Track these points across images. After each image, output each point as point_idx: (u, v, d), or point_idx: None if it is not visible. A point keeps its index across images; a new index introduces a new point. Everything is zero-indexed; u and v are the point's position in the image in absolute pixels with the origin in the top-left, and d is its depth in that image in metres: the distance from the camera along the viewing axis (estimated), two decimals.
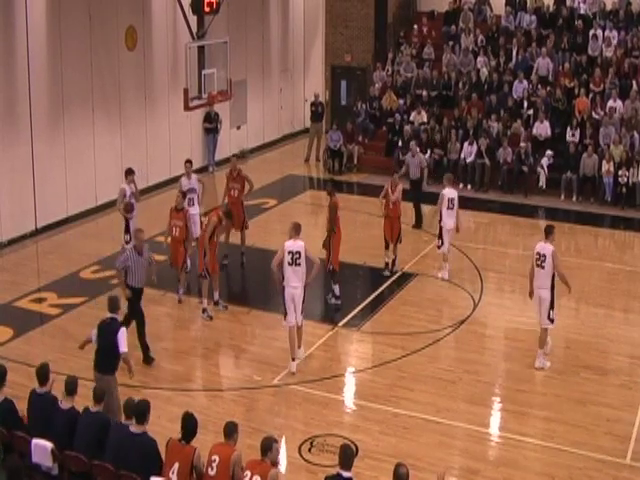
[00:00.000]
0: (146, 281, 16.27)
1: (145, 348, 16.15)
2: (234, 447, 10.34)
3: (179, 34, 26.66)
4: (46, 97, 22.63)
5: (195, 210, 20.06)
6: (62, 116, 23.08)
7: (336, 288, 18.77)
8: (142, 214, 23.54)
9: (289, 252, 15.68)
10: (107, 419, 11.13)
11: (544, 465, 13.01)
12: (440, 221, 20.13)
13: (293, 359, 15.92)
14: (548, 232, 15.98)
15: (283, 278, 15.77)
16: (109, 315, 13.25)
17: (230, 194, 20.70)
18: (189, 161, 20.98)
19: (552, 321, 15.92)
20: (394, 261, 20.34)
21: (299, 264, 15.68)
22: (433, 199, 20.94)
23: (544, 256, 15.72)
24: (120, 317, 13.61)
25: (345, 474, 9.71)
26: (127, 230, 19.82)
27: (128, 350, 13.11)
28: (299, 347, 16.17)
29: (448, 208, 19.95)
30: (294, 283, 15.73)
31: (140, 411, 10.72)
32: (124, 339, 13.02)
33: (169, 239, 19.02)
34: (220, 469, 10.15)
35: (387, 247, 20.28)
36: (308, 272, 15.86)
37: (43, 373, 11.66)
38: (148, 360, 16.09)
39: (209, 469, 10.24)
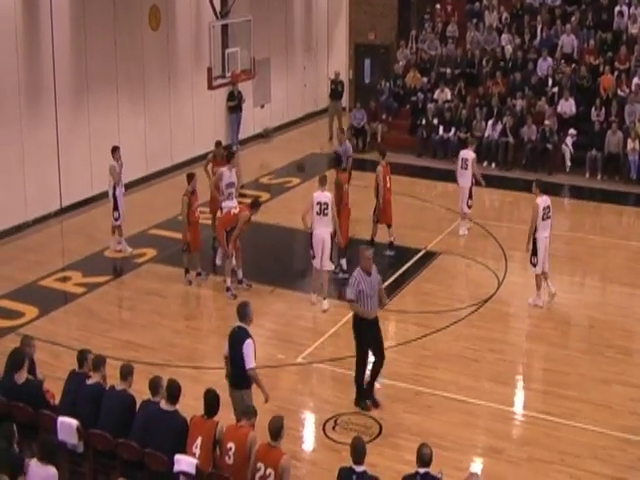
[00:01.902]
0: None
1: (369, 386, 13.99)
2: (249, 428, 10.38)
3: (202, 13, 26.65)
4: (70, 78, 22.66)
5: (234, 203, 19.02)
6: (86, 97, 23.11)
7: (343, 262, 18.92)
8: (166, 193, 23.74)
9: (317, 202, 17.23)
10: (132, 397, 11.21)
11: (568, 444, 12.98)
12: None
13: (315, 292, 17.51)
14: (544, 187, 17.81)
15: (311, 225, 17.31)
16: (237, 324, 12.16)
17: None
18: (233, 153, 20.86)
19: None
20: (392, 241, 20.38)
21: (326, 214, 17.22)
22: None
23: (549, 208, 17.29)
24: (249, 326, 12.14)
25: (358, 468, 9.71)
26: (115, 207, 19.92)
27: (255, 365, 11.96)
28: (324, 298, 17.33)
29: (461, 168, 21.30)
30: (323, 229, 17.25)
31: (173, 392, 10.80)
32: (251, 352, 11.79)
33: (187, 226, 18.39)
34: (237, 458, 10.19)
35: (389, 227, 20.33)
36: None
37: (81, 358, 11.73)
38: (370, 402, 13.91)
39: (226, 457, 10.28)
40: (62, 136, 22.44)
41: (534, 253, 17.29)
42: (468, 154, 21.24)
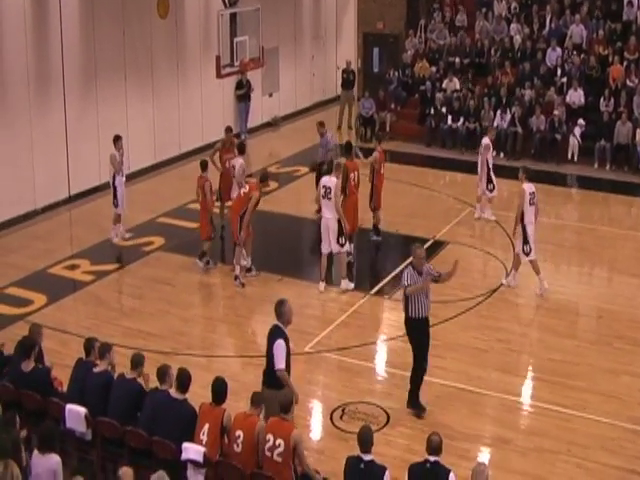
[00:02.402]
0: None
1: (414, 394, 13.52)
2: (257, 417, 10.40)
3: (211, 1, 26.63)
4: (79, 66, 22.65)
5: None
6: (95, 85, 23.10)
7: (350, 246, 18.89)
8: (174, 182, 23.74)
9: (323, 186, 17.59)
10: (141, 386, 11.23)
11: (576, 435, 12.98)
12: None
13: (323, 280, 17.70)
14: (529, 173, 17.98)
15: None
16: (275, 322, 11.74)
17: (225, 165, 20.38)
18: (243, 143, 21.04)
19: None
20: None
21: (330, 198, 17.41)
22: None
23: (534, 194, 17.55)
24: (286, 325, 11.66)
25: (365, 457, 9.72)
26: (115, 195, 19.99)
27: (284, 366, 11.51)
28: (343, 277, 17.74)
29: (479, 154, 21.75)
30: (327, 215, 17.51)
31: (183, 380, 10.83)
32: (280, 353, 11.40)
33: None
34: (246, 446, 10.22)
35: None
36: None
37: (88, 346, 11.80)
38: (417, 408, 13.54)
39: (234, 445, 10.31)
40: (70, 125, 22.44)
41: (525, 241, 17.42)
42: (483, 141, 21.50)
